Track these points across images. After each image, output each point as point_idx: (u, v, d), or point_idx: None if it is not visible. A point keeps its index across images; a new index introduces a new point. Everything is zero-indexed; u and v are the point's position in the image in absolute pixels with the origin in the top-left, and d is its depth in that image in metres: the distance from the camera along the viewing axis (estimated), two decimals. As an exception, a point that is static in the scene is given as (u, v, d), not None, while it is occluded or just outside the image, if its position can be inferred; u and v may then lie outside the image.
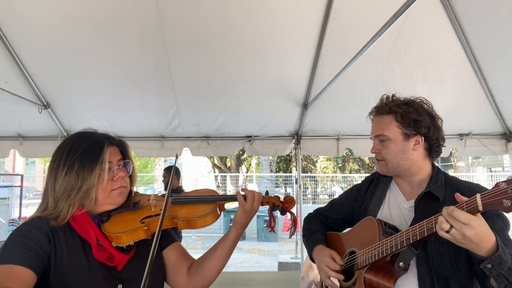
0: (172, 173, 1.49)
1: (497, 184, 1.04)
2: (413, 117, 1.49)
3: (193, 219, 1.31)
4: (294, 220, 1.43)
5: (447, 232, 1.10)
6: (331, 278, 1.55)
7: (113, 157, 1.26)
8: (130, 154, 1.34)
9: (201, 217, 1.31)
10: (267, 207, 1.41)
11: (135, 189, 1.39)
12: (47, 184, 1.21)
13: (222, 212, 1.41)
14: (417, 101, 1.55)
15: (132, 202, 1.33)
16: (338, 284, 1.56)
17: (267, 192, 1.43)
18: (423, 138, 1.50)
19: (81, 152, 1.19)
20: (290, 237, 1.53)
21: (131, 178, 1.33)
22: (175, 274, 1.35)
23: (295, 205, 1.45)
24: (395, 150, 1.50)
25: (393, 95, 1.59)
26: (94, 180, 1.18)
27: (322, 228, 1.82)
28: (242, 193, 1.35)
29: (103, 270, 1.17)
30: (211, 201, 1.36)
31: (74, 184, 1.16)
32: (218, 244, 1.38)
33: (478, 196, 1.06)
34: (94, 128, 1.32)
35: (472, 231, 1.07)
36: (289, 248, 9.45)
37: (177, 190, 5.47)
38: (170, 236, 1.41)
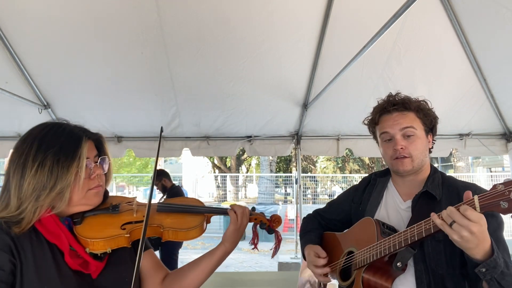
0: (153, 175, 1.28)
1: (494, 186, 1.05)
2: (432, 115, 1.55)
3: (181, 230, 1.21)
4: (278, 240, 1.41)
5: (450, 225, 1.10)
6: (322, 273, 1.58)
7: (90, 153, 1.12)
8: (106, 149, 1.21)
9: (189, 229, 1.22)
10: (253, 224, 1.37)
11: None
12: (8, 182, 1.04)
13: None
14: (425, 101, 1.59)
15: (110, 204, 1.20)
16: (331, 279, 1.58)
17: (253, 208, 1.39)
18: (432, 137, 1.57)
19: (56, 147, 1.05)
20: (272, 256, 1.51)
21: (106, 176, 1.20)
22: (147, 283, 1.24)
23: (282, 223, 1.42)
24: (421, 146, 1.51)
25: (397, 93, 1.60)
26: (71, 179, 1.04)
27: (317, 228, 1.84)
28: (233, 209, 1.29)
29: (77, 279, 1.05)
30: (199, 213, 1.28)
31: (46, 182, 1.01)
32: (203, 258, 1.29)
33: (475, 197, 1.07)
34: (67, 120, 1.17)
35: (479, 228, 1.07)
36: (289, 248, 9.45)
37: (172, 189, 5.49)
38: (146, 242, 1.28)
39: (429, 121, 1.54)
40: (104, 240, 1.09)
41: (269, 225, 1.38)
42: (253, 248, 1.39)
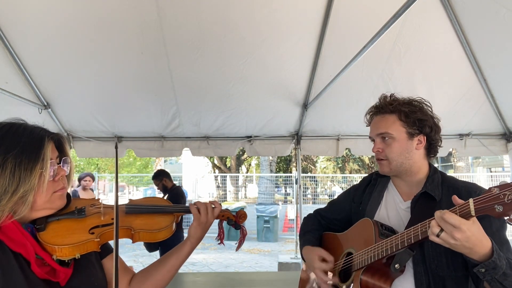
0: (115, 179, 1.17)
1: (489, 189, 1.04)
2: (418, 117, 1.49)
3: (152, 231, 1.20)
4: (243, 235, 1.42)
5: (437, 236, 1.10)
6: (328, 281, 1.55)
7: (52, 154, 1.05)
8: (67, 150, 1.14)
9: (160, 229, 1.20)
10: (219, 220, 1.37)
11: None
12: None
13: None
14: (418, 101, 1.55)
15: (75, 208, 1.16)
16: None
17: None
18: (425, 137, 1.50)
19: (17, 148, 0.98)
20: (236, 250, 1.51)
21: (68, 178, 1.13)
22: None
23: (246, 219, 1.43)
24: (399, 149, 1.49)
25: (391, 95, 1.58)
26: (34, 182, 0.98)
27: (317, 228, 1.83)
28: (195, 206, 1.28)
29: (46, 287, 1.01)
30: (168, 212, 1.27)
31: (8, 186, 0.95)
32: (169, 256, 1.27)
33: (471, 201, 1.06)
34: (24, 119, 1.10)
35: (462, 235, 1.06)
36: (289, 248, 9.46)
37: (173, 189, 5.48)
38: (107, 245, 1.23)
39: (412, 122, 1.48)
40: (73, 246, 1.05)
41: (236, 220, 1.39)
42: (219, 243, 1.39)
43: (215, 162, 21.55)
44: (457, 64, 3.57)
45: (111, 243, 1.21)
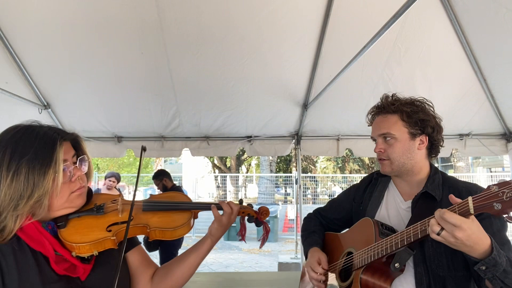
0: (136, 183, 1.29)
1: (488, 187, 1.04)
2: (420, 117, 1.49)
3: (168, 229, 1.19)
4: (266, 231, 1.40)
5: (438, 234, 1.10)
6: (317, 280, 1.57)
7: (67, 155, 1.07)
8: (84, 148, 1.16)
9: (176, 228, 1.19)
10: (240, 217, 1.36)
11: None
12: None
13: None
14: (420, 100, 1.55)
15: (95, 205, 1.17)
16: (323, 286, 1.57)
17: (241, 201, 1.38)
18: (427, 138, 1.51)
19: (30, 153, 1.00)
20: (260, 247, 1.51)
21: (87, 175, 1.16)
22: (137, 280, 1.23)
23: (269, 215, 1.42)
24: (401, 149, 1.49)
25: (393, 95, 1.58)
26: (48, 185, 1.00)
27: (320, 229, 1.82)
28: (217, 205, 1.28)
29: (65, 283, 1.03)
30: (186, 209, 1.25)
31: (23, 191, 0.97)
32: (189, 252, 1.29)
33: (470, 199, 1.06)
34: (38, 121, 1.11)
35: (463, 233, 1.07)
36: (289, 249, 9.46)
37: (173, 189, 5.47)
38: (134, 238, 1.27)
39: (414, 122, 1.48)
40: (90, 244, 1.07)
41: (257, 217, 1.36)
42: (240, 240, 1.38)
43: (215, 162, 21.56)
44: (457, 64, 3.57)
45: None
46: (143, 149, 1.24)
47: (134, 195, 1.06)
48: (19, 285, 0.97)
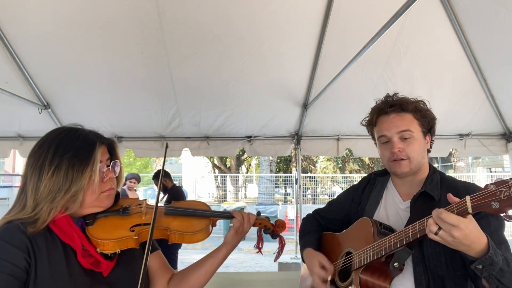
0: (160, 178, 1.54)
1: (486, 186, 1.05)
2: (430, 117, 1.54)
3: (187, 233, 1.26)
4: (282, 245, 1.43)
5: (436, 234, 1.11)
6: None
7: (103, 157, 1.18)
8: (118, 154, 1.27)
9: (195, 232, 1.27)
10: (257, 228, 1.42)
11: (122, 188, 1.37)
12: (25, 184, 1.11)
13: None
14: (422, 101, 1.58)
15: (121, 207, 1.26)
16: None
17: (259, 213, 1.44)
18: (430, 137, 1.56)
19: (71, 151, 1.11)
20: (275, 260, 1.54)
21: (118, 179, 1.25)
22: (155, 283, 1.29)
23: (286, 229, 1.45)
24: (419, 148, 1.51)
25: (395, 94, 1.59)
26: (84, 182, 1.10)
27: (316, 229, 1.83)
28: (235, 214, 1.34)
29: (89, 277, 1.10)
30: (205, 216, 1.32)
31: (62, 185, 1.07)
32: (206, 259, 1.35)
33: (467, 198, 1.07)
34: (81, 125, 1.24)
35: (461, 233, 1.07)
36: (289, 249, 9.44)
37: (173, 189, 5.48)
38: (153, 243, 1.35)
39: (427, 122, 1.53)
40: (114, 241, 1.15)
41: (273, 230, 1.41)
42: (257, 252, 1.43)
43: (215, 162, 21.56)
44: (457, 64, 3.57)
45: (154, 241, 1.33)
46: (167, 146, 1.38)
47: (157, 197, 1.17)
48: (50, 274, 1.04)
